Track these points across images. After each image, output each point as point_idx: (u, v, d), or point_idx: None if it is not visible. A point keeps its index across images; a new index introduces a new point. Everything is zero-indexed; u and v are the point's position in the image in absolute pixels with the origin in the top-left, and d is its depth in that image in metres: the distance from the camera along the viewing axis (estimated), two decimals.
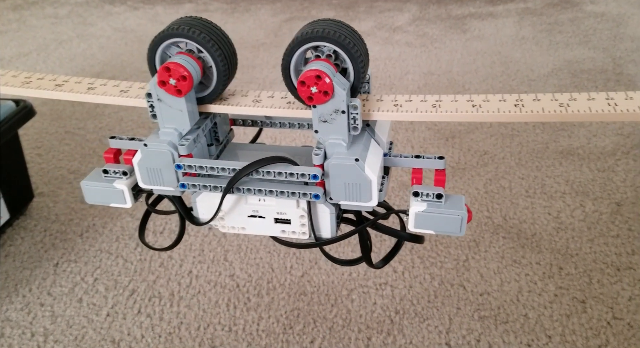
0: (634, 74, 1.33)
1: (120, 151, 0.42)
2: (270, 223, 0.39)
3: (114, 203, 0.41)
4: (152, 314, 0.77)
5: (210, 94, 0.39)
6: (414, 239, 0.40)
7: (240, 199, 0.39)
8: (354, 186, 0.36)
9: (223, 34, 0.38)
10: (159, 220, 0.94)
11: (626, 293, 0.74)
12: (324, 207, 0.38)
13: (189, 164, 0.37)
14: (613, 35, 1.58)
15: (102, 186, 0.41)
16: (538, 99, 0.37)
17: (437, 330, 0.72)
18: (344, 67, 0.36)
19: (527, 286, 0.77)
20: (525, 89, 1.31)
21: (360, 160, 0.35)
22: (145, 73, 1.60)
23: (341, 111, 0.35)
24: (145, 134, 1.24)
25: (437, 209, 0.36)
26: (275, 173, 0.36)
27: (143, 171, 0.39)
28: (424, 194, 0.37)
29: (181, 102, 0.37)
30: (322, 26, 0.36)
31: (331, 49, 0.36)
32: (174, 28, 0.36)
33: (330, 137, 0.36)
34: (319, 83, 0.34)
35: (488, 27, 1.74)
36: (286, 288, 0.80)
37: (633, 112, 0.35)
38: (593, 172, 0.99)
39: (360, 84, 0.36)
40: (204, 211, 0.40)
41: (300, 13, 2.05)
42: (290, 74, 0.37)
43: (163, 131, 0.38)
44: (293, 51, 0.36)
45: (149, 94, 0.37)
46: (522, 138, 1.11)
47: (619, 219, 0.87)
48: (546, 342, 0.69)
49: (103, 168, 0.41)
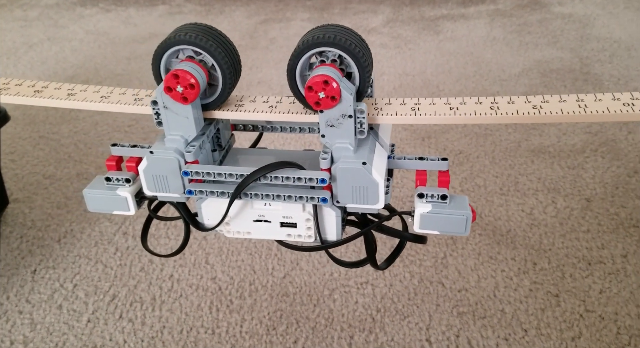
0: (601, 73, 1.38)
1: (122, 158, 0.42)
2: (276, 227, 0.40)
3: (117, 211, 0.41)
4: (133, 319, 0.76)
5: (215, 100, 0.39)
6: (417, 239, 0.40)
7: (246, 204, 0.39)
8: (361, 189, 0.36)
9: (227, 40, 0.38)
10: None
11: (597, 286, 0.77)
12: (330, 210, 0.38)
13: (197, 170, 0.37)
14: (580, 35, 1.63)
15: (105, 193, 0.40)
16: (512, 101, 0.39)
17: (417, 326, 0.74)
18: (348, 71, 0.37)
19: (503, 281, 0.79)
20: (497, 89, 1.35)
21: (368, 163, 0.36)
22: (119, 76, 1.58)
23: (348, 115, 0.35)
24: (122, 138, 1.23)
25: (442, 210, 0.37)
26: (283, 177, 0.37)
27: (149, 178, 0.38)
28: (429, 195, 0.38)
29: (187, 109, 0.37)
30: (326, 32, 0.36)
31: (336, 54, 0.36)
32: (181, 35, 0.36)
33: (337, 141, 0.37)
34: (326, 88, 0.34)
35: (460, 28, 1.78)
36: (268, 289, 0.80)
37: (602, 113, 0.37)
38: (564, 169, 1.02)
39: (366, 88, 0.37)
40: (209, 217, 0.40)
41: (275, 15, 2.06)
42: (296, 79, 0.37)
43: (169, 138, 0.38)
44: (299, 57, 0.36)
45: (155, 101, 0.37)
46: (496, 137, 1.14)
47: (589, 214, 0.90)
48: (522, 336, 0.71)
49: (105, 175, 0.41)
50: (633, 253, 0.82)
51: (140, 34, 1.94)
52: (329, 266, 0.84)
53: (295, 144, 1.15)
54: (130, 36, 1.93)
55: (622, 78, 1.35)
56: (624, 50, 1.50)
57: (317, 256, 0.86)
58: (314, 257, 0.86)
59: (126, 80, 1.56)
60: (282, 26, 1.94)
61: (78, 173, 1.10)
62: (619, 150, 1.07)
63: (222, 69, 0.37)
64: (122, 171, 0.41)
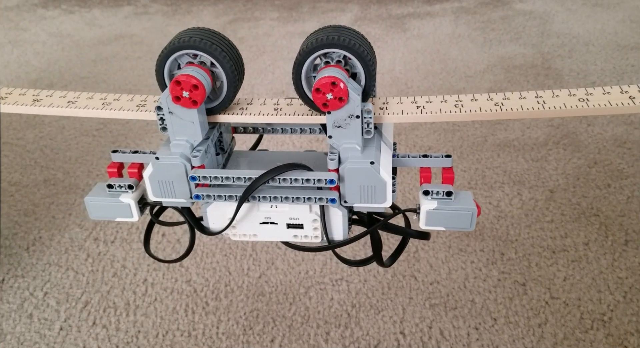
0: (561, 68, 1.43)
1: (123, 164, 0.42)
2: (283, 228, 0.40)
3: (119, 218, 0.41)
4: (107, 325, 0.75)
5: (220, 104, 0.39)
6: (421, 236, 0.41)
7: (252, 206, 0.39)
8: (370, 188, 0.37)
9: (231, 43, 0.39)
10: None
11: (561, 274, 0.80)
12: (336, 210, 0.38)
13: (204, 175, 0.37)
14: (541, 31, 1.68)
15: (108, 201, 0.40)
16: (475, 99, 0.40)
17: (391, 320, 0.76)
18: (353, 72, 0.37)
19: (472, 272, 0.82)
20: (463, 86, 1.38)
21: (376, 163, 0.36)
22: (85, 79, 1.55)
23: (355, 115, 0.36)
24: (90, 142, 1.21)
25: (448, 206, 0.37)
26: (291, 179, 0.37)
27: (154, 184, 0.38)
28: (434, 192, 0.38)
29: (193, 114, 0.37)
30: (330, 33, 0.36)
31: (341, 55, 0.36)
32: (185, 39, 0.36)
33: (344, 141, 0.37)
34: (334, 90, 0.34)
35: (426, 26, 1.81)
36: (244, 290, 0.81)
37: (559, 109, 0.39)
38: (528, 162, 1.06)
39: (372, 88, 0.37)
40: (214, 221, 0.40)
41: (243, 14, 2.05)
42: (302, 81, 0.37)
43: (175, 143, 0.38)
44: (304, 59, 0.36)
45: (159, 107, 0.37)
46: (463, 133, 1.17)
47: (552, 205, 0.94)
48: (492, 324, 0.74)
49: (107, 182, 0.40)
50: (594, 240, 0.85)
51: (105, 36, 1.90)
52: (304, 265, 0.85)
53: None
54: (95, 38, 1.89)
55: (580, 72, 1.40)
56: (582, 45, 1.56)
57: (292, 255, 0.87)
58: (289, 256, 0.87)
59: (92, 83, 1.53)
60: (251, 26, 1.93)
61: (45, 178, 1.08)
62: (579, 142, 1.11)
63: (226, 72, 0.37)
64: (124, 178, 0.41)
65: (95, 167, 1.12)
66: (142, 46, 1.80)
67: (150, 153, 0.41)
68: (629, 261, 0.81)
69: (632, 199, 0.93)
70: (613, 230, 0.87)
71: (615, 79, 1.35)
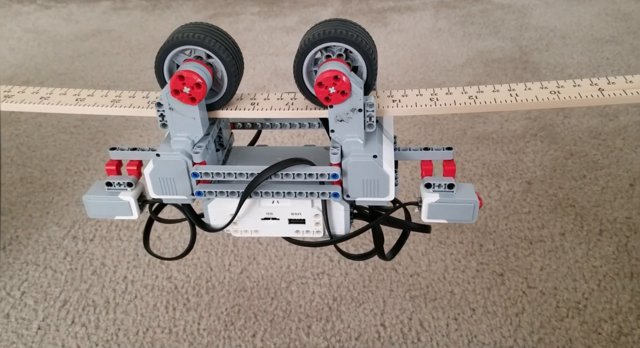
0: (539, 61, 1.45)
1: (121, 162, 0.41)
2: (284, 224, 0.39)
3: (119, 216, 0.40)
4: (87, 323, 0.75)
5: (220, 100, 0.39)
6: (422, 229, 0.41)
7: (254, 202, 0.39)
8: (372, 182, 0.37)
9: (230, 38, 0.38)
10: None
11: (538, 264, 0.82)
12: (338, 205, 0.38)
13: (206, 171, 0.37)
14: (519, 25, 1.70)
15: (107, 199, 0.40)
16: (450, 92, 0.41)
17: (372, 312, 0.76)
18: (354, 65, 0.37)
19: (452, 264, 0.83)
20: (443, 80, 1.39)
21: (378, 156, 0.36)
22: (62, 75, 1.53)
23: (358, 109, 0.36)
24: (67, 139, 1.20)
25: (450, 198, 0.37)
26: (294, 174, 0.36)
27: (155, 181, 0.38)
28: (436, 185, 0.38)
29: (194, 110, 0.36)
30: (331, 27, 0.36)
31: (342, 48, 0.36)
32: (185, 35, 0.36)
33: (346, 135, 0.37)
34: (337, 83, 0.34)
35: (407, 20, 1.81)
36: (225, 285, 0.81)
37: (531, 102, 0.40)
38: (506, 154, 1.07)
39: (374, 81, 0.37)
40: (215, 217, 0.40)
41: (224, 9, 2.03)
42: (303, 76, 0.37)
43: (175, 140, 0.37)
44: (305, 53, 0.36)
45: (159, 103, 0.37)
46: (442, 126, 1.18)
47: (530, 196, 0.95)
48: (470, 315, 0.75)
49: (106, 180, 0.40)
50: (570, 230, 0.87)
51: (82, 31, 1.87)
52: (285, 259, 0.85)
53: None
54: (72, 34, 1.86)
55: (558, 65, 1.42)
56: (559, 38, 1.58)
57: (274, 249, 0.87)
58: (271, 251, 0.87)
59: (69, 79, 1.51)
60: (231, 20, 1.92)
61: (22, 177, 1.06)
62: (556, 134, 1.12)
63: (227, 68, 0.37)
64: (122, 175, 0.41)
65: (74, 164, 1.11)
66: (121, 41, 1.78)
67: (149, 150, 0.41)
68: (603, 250, 0.83)
69: (606, 190, 0.95)
70: (588, 220, 0.88)
71: (591, 71, 1.37)
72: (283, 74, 1.49)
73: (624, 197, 0.93)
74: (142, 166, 0.40)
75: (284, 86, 1.42)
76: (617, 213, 0.89)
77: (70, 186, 1.04)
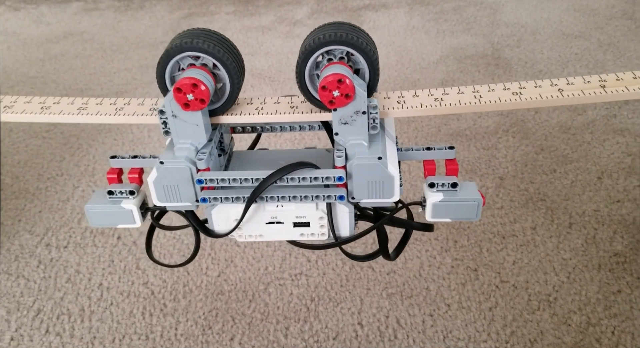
0: (510, 57, 1.47)
1: (122, 170, 0.41)
2: (289, 227, 0.39)
3: (122, 224, 0.40)
4: (61, 332, 0.74)
5: (223, 105, 0.38)
6: (425, 228, 0.41)
7: (258, 207, 0.39)
8: (377, 183, 0.37)
9: (232, 44, 0.38)
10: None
11: (510, 258, 0.83)
12: (343, 207, 0.38)
13: (210, 178, 0.37)
14: (491, 21, 1.72)
15: (109, 208, 0.39)
16: (417, 95, 0.42)
17: (350, 311, 0.77)
18: (356, 68, 0.37)
19: (427, 261, 0.84)
20: (417, 77, 1.40)
21: (383, 158, 0.36)
22: (33, 79, 1.50)
23: (362, 111, 0.36)
24: (40, 144, 1.18)
25: (454, 197, 0.38)
26: (299, 178, 0.36)
27: (159, 189, 0.37)
28: (440, 184, 0.38)
29: (197, 116, 0.36)
30: (331, 30, 0.36)
31: (344, 51, 0.36)
32: (187, 41, 0.36)
33: (350, 138, 0.37)
34: (340, 87, 0.34)
35: (382, 18, 1.82)
36: (203, 289, 0.81)
37: (494, 103, 0.41)
38: (479, 151, 1.09)
39: (376, 83, 0.37)
40: (219, 223, 0.39)
41: (198, 9, 2.02)
42: (305, 80, 0.37)
43: (179, 147, 0.37)
44: (308, 57, 0.36)
45: (162, 111, 0.36)
46: (417, 124, 1.20)
47: (502, 192, 0.97)
48: (446, 310, 0.76)
49: (108, 189, 0.39)
50: (541, 224, 0.89)
51: (54, 33, 1.84)
52: (263, 261, 0.85)
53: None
54: (43, 36, 1.82)
55: (528, 61, 1.44)
56: (530, 34, 1.60)
57: (252, 251, 0.87)
58: (248, 253, 0.87)
59: (40, 83, 1.48)
60: (206, 20, 1.90)
61: None
62: (527, 130, 1.15)
63: (229, 73, 0.37)
64: (124, 183, 0.40)
65: (46, 170, 1.09)
66: (93, 43, 1.75)
67: (150, 157, 0.41)
68: (572, 242, 0.85)
69: (575, 183, 0.97)
70: (558, 214, 0.91)
71: (560, 67, 1.40)
72: (259, 73, 1.49)
73: (592, 190, 0.95)
74: (143, 174, 0.40)
75: (260, 86, 1.42)
76: (586, 205, 0.92)
77: (43, 193, 1.02)
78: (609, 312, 0.73)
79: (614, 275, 0.79)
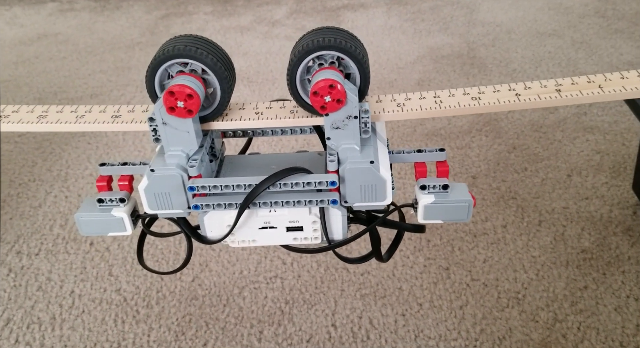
0: (485, 57, 1.49)
1: (112, 178, 0.41)
2: (282, 232, 0.39)
3: (112, 232, 0.40)
4: (31, 341, 0.73)
5: (214, 112, 0.38)
6: (417, 229, 0.42)
7: (251, 212, 0.39)
8: (370, 187, 0.37)
9: (221, 50, 0.38)
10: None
11: (481, 256, 0.85)
12: (336, 210, 0.38)
13: (202, 185, 0.36)
14: (467, 21, 1.74)
15: (99, 216, 0.39)
16: (380, 100, 0.42)
17: (324, 313, 0.78)
18: (347, 72, 0.37)
19: (401, 260, 0.85)
20: (394, 77, 1.41)
21: (375, 162, 0.37)
22: (6, 82, 1.48)
23: (353, 116, 0.36)
24: (12, 149, 1.16)
25: (445, 199, 0.38)
26: (292, 183, 0.36)
27: (150, 197, 0.37)
28: (431, 186, 0.39)
29: (188, 123, 0.36)
30: (320, 35, 0.36)
31: (334, 56, 0.36)
32: (176, 48, 0.36)
33: (343, 142, 0.37)
34: (332, 92, 0.35)
35: (360, 18, 1.83)
36: (177, 295, 0.81)
37: (455, 108, 0.42)
38: (453, 150, 1.10)
39: (367, 88, 0.38)
40: (212, 229, 0.39)
41: (176, 9, 2.00)
42: (297, 85, 0.37)
43: (170, 154, 0.37)
44: (298, 63, 0.36)
45: (152, 118, 0.36)
46: (393, 124, 1.20)
47: (474, 190, 0.98)
48: (418, 310, 0.77)
49: (97, 197, 0.39)
50: (511, 222, 0.90)
51: (27, 35, 1.81)
52: (238, 265, 0.85)
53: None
54: (16, 38, 1.80)
55: (503, 60, 1.46)
56: (505, 33, 1.62)
57: (227, 255, 0.87)
58: (223, 257, 0.87)
59: (14, 87, 1.46)
60: (184, 21, 1.89)
61: None
62: (500, 128, 1.16)
63: (219, 79, 0.37)
64: (114, 191, 0.40)
65: (18, 176, 1.08)
66: (68, 45, 1.73)
67: (140, 164, 0.41)
68: (541, 240, 0.86)
69: (546, 181, 0.99)
70: (528, 212, 0.92)
71: (534, 65, 1.42)
72: (237, 74, 1.48)
73: (562, 188, 0.97)
74: (133, 181, 0.40)
75: (238, 88, 1.42)
76: (555, 203, 0.93)
77: (14, 199, 1.01)
78: (575, 308, 0.75)
79: (580, 271, 0.81)
